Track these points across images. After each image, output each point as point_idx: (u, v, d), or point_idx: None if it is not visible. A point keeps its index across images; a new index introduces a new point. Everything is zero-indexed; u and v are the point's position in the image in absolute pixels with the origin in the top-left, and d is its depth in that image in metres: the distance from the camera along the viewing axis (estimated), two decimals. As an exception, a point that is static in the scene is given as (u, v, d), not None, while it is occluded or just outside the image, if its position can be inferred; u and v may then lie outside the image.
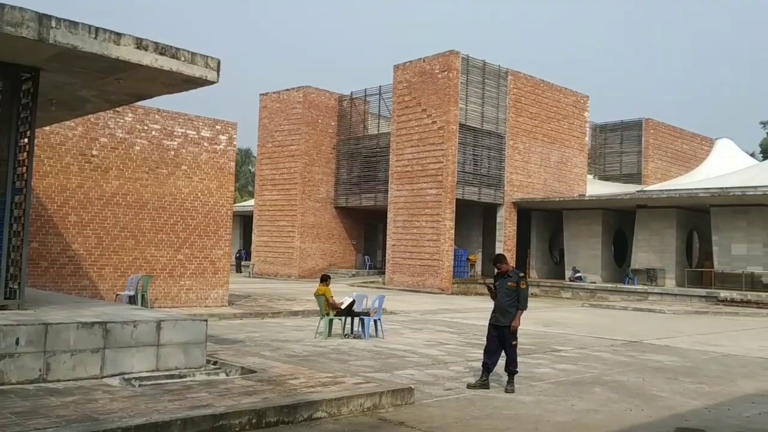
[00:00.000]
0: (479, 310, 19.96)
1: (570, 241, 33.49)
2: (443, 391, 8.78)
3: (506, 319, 8.94)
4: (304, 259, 37.06)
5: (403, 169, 32.24)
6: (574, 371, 10.65)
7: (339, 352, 11.75)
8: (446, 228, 30.20)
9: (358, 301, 14.26)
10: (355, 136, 38.23)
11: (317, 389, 7.65)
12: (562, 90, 35.84)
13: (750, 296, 25.30)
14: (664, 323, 19.52)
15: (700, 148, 45.69)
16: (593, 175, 42.02)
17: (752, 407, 8.46)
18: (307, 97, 37.56)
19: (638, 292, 28.36)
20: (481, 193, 31.86)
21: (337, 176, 38.54)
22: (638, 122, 42.88)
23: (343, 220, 38.83)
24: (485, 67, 31.86)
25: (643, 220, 31.03)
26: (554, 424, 7.25)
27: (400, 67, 32.79)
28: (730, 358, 12.72)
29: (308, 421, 6.89)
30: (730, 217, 28.30)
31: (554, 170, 35.23)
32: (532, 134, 33.90)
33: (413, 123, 31.81)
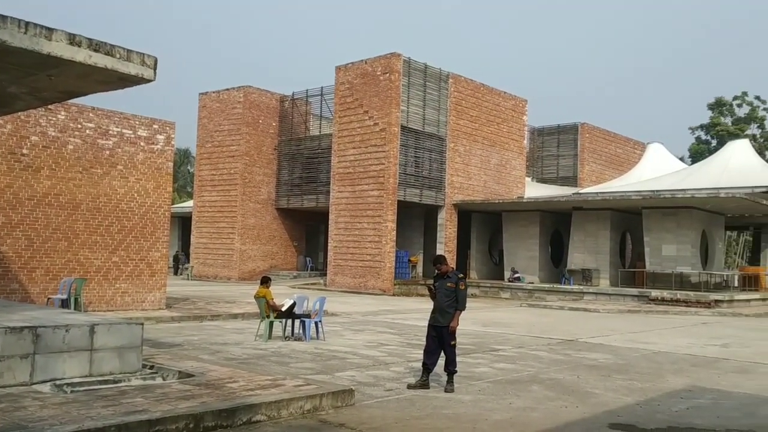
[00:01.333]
0: (420, 311, 20.11)
1: (509, 243, 34.08)
2: (384, 391, 8.81)
3: (445, 319, 9.04)
4: (244, 261, 36.62)
5: (344, 170, 32.22)
6: (512, 370, 10.84)
7: (279, 355, 11.66)
8: (388, 229, 30.32)
9: (299, 303, 14.18)
10: (296, 137, 38.01)
11: (257, 392, 7.58)
12: (502, 94, 36.46)
13: (679, 295, 26.23)
14: (598, 322, 20.05)
15: (633, 152, 47.16)
16: (531, 178, 42.87)
17: (681, 402, 8.77)
18: (247, 97, 37.14)
19: (574, 292, 29.07)
20: (423, 194, 32.11)
21: (279, 177, 38.23)
22: (574, 126, 43.96)
23: (285, 221, 38.55)
24: (426, 69, 32.14)
25: (579, 222, 31.83)
26: (492, 422, 7.37)
27: (341, 68, 32.76)
28: (661, 355, 13.17)
29: (247, 424, 6.82)
30: (661, 219, 29.30)
31: (494, 172, 35.79)
32: (472, 137, 34.36)
33: (355, 124, 31.83)
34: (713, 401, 8.91)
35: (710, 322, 21.22)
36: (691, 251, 28.84)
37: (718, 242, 32.57)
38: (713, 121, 56.93)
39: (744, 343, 15.73)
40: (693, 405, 8.62)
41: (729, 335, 17.27)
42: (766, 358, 13.16)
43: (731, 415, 8.09)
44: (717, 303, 25.29)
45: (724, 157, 34.47)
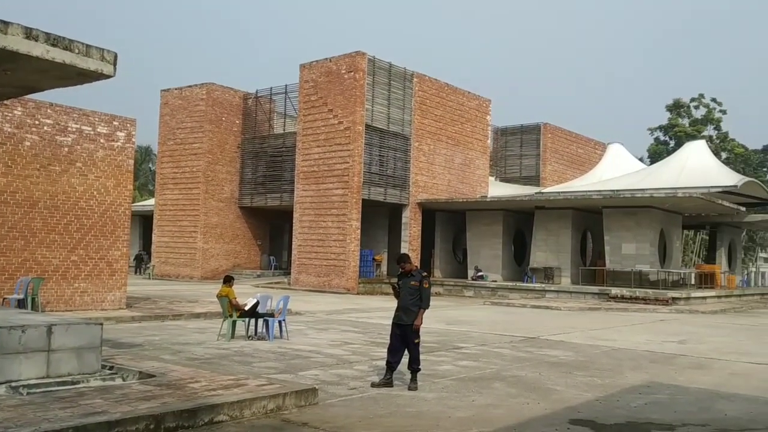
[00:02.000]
0: (384, 309, 20.13)
1: (472, 241, 34.33)
2: (347, 390, 8.80)
3: (409, 317, 9.07)
4: (207, 260, 36.24)
5: (309, 169, 32.10)
6: (475, 368, 10.92)
7: (242, 354, 11.57)
8: (352, 228, 30.30)
9: (263, 302, 14.08)
10: (260, 135, 37.74)
11: (219, 392, 7.50)
12: (466, 93, 36.70)
13: (638, 293, 26.75)
14: (559, 320, 20.32)
15: (594, 152, 47.90)
16: (495, 177, 43.26)
17: (639, 398, 8.94)
18: (210, 94, 36.75)
19: (536, 290, 29.42)
20: (387, 193, 32.16)
21: (242, 175, 37.91)
22: (537, 126, 44.47)
23: (248, 220, 38.25)
24: (391, 68, 32.19)
25: (541, 221, 32.22)
26: (455, 419, 7.42)
27: (306, 66, 32.62)
28: (620, 352, 13.40)
29: (209, 425, 6.75)
30: (621, 218, 29.82)
31: (458, 172, 36.01)
32: (436, 136, 34.52)
33: (319, 123, 31.73)
34: (670, 397, 9.10)
35: (668, 319, 21.67)
36: (650, 250, 29.41)
37: (676, 241, 33.28)
38: (671, 122, 58.09)
39: (700, 339, 16.10)
40: (651, 400, 8.79)
41: (686, 332, 17.66)
42: (721, 354, 13.50)
43: (688, 410, 8.27)
44: (674, 300, 25.85)
45: (682, 157, 35.24)
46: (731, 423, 7.67)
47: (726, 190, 29.96)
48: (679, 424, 7.53)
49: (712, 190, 29.20)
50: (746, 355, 13.47)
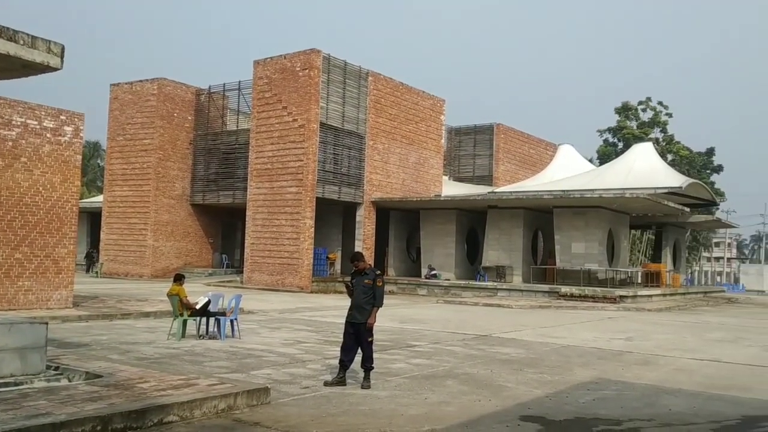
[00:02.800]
0: (338, 308, 20.10)
1: (426, 240, 34.53)
2: (300, 389, 8.76)
3: (362, 316, 9.07)
4: (157, 258, 35.61)
5: (262, 166, 31.81)
6: (428, 365, 10.99)
7: (193, 354, 11.41)
8: (306, 226, 30.15)
9: (214, 300, 13.91)
10: (213, 132, 37.23)
11: (168, 392, 7.38)
12: (420, 93, 36.88)
13: (587, 291, 27.29)
14: (511, 317, 20.60)
15: (545, 152, 48.68)
16: (448, 177, 43.58)
17: (587, 394, 9.13)
18: (162, 89, 36.10)
19: (488, 289, 29.75)
20: (342, 192, 32.11)
21: (194, 172, 37.35)
22: (490, 127, 44.96)
23: (200, 217, 37.71)
24: (346, 67, 32.13)
25: (494, 220, 32.60)
26: (408, 417, 7.45)
27: (260, 62, 32.33)
28: (569, 349, 13.65)
29: (159, 425, 6.64)
30: (571, 217, 30.38)
31: (412, 171, 36.17)
32: (391, 135, 34.61)
33: (273, 120, 31.47)
34: (617, 392, 9.31)
35: (615, 316, 22.17)
36: (599, 249, 30.03)
37: (624, 240, 34.06)
38: (620, 124, 59.41)
39: (646, 336, 16.52)
40: (599, 396, 8.98)
41: (633, 329, 18.09)
42: (666, 351, 13.87)
43: (633, 405, 8.48)
44: (622, 299, 26.45)
45: (630, 159, 36.06)
46: (675, 417, 7.89)
47: (671, 191, 30.76)
48: (625, 419, 7.71)
49: (658, 191, 29.94)
50: (690, 352, 13.87)
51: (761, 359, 13.16)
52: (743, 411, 8.36)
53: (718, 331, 18.66)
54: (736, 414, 8.18)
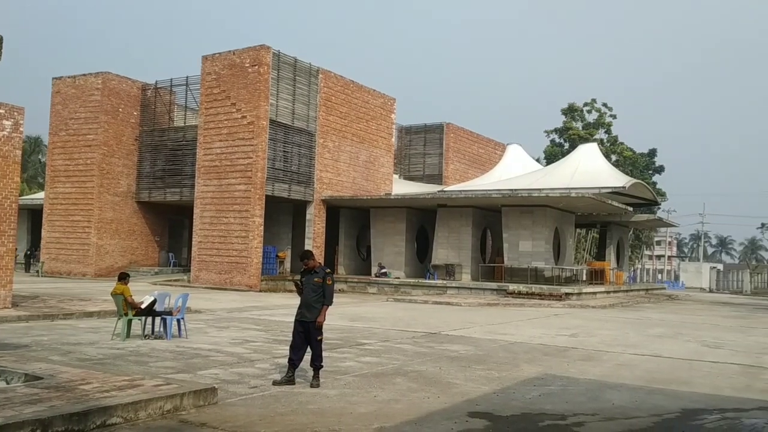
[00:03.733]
0: (287, 306, 19.97)
1: (376, 239, 34.59)
2: (248, 389, 8.67)
3: (312, 314, 9.03)
4: (101, 256, 34.76)
5: (210, 163, 31.36)
6: (377, 363, 11.01)
7: (138, 354, 11.17)
8: (255, 224, 29.86)
9: (160, 299, 13.64)
10: (159, 128, 36.52)
11: (112, 394, 7.21)
12: (371, 91, 36.90)
13: (534, 289, 27.75)
14: (460, 315, 20.79)
15: (494, 152, 49.30)
16: (399, 175, 43.74)
17: (534, 389, 9.28)
18: (106, 83, 35.23)
19: (438, 287, 29.97)
20: (291, 189, 31.90)
21: (140, 169, 36.57)
22: (440, 126, 45.30)
23: (146, 215, 36.95)
24: (296, 64, 31.92)
25: (443, 219, 32.86)
26: (357, 415, 7.45)
27: (209, 58, 31.85)
28: (517, 346, 13.86)
29: (101, 428, 6.48)
30: (518, 216, 30.85)
31: (362, 169, 36.18)
32: (341, 133, 34.54)
33: (222, 116, 31.05)
34: (562, 388, 9.50)
35: (561, 313, 22.61)
36: (545, 247, 30.58)
37: (569, 239, 34.76)
38: (566, 125, 60.56)
39: (590, 332, 16.89)
40: (544, 392, 9.15)
41: (577, 326, 18.48)
42: (609, 347, 14.21)
43: (578, 400, 8.66)
44: (567, 296, 26.99)
45: (575, 159, 36.80)
46: (618, 411, 8.09)
47: (615, 191, 31.52)
48: (570, 414, 7.87)
49: (603, 191, 30.65)
50: (632, 347, 14.24)
51: (699, 354, 13.60)
52: (683, 404, 8.62)
53: (659, 327, 19.21)
54: (676, 407, 8.43)
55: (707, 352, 13.88)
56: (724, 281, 60.91)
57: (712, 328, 19.76)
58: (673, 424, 7.64)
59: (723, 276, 63.04)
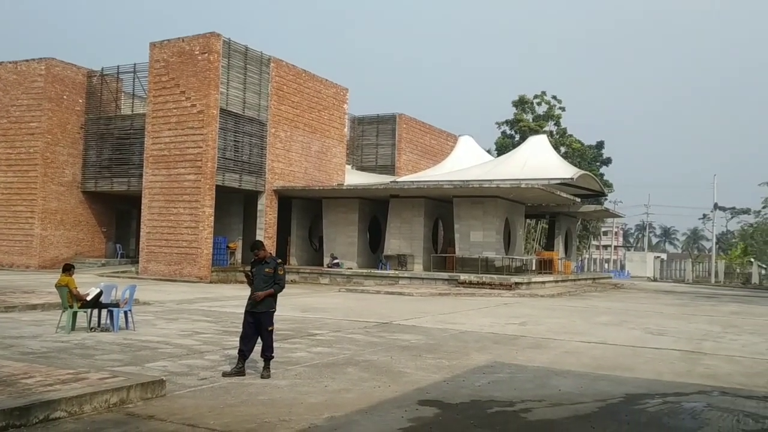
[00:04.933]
0: (238, 298, 19.77)
1: (329, 229, 34.50)
2: (197, 381, 8.57)
3: (262, 305, 8.98)
4: (45, 248, 33.82)
5: (159, 152, 30.78)
6: (328, 353, 11.01)
7: (84, 347, 10.93)
8: (205, 215, 29.45)
9: (107, 291, 13.36)
10: (106, 116, 35.63)
11: (56, 387, 7.04)
12: (323, 81, 36.69)
13: (485, 278, 28.09)
14: (412, 305, 20.93)
15: (446, 143, 49.63)
16: (351, 166, 43.67)
17: (483, 377, 9.42)
18: (50, 70, 34.18)
19: (390, 277, 30.08)
20: (242, 180, 31.55)
21: (85, 158, 35.64)
22: (392, 117, 45.38)
23: (92, 205, 36.07)
24: (247, 52, 31.52)
25: (396, 209, 32.97)
26: (307, 405, 7.45)
27: (157, 45, 31.19)
28: (467, 335, 14.03)
29: (45, 422, 6.33)
30: (470, 207, 31.16)
31: (315, 159, 36.00)
32: (293, 123, 34.28)
33: (171, 105, 30.48)
34: (511, 375, 9.66)
35: (511, 303, 22.96)
36: (496, 237, 30.98)
37: (519, 229, 35.28)
38: (516, 117, 61.29)
39: (539, 321, 17.20)
40: (493, 379, 9.29)
41: (526, 314, 18.80)
42: (556, 335, 14.51)
43: (526, 387, 8.83)
44: (517, 285, 27.41)
45: (525, 151, 37.31)
46: (564, 397, 8.27)
47: (564, 182, 32.08)
48: (518, 401, 8.01)
49: (552, 182, 31.14)
50: (578, 335, 14.57)
51: (643, 341, 14.00)
52: (626, 390, 8.86)
53: (605, 315, 19.68)
54: (620, 393, 8.66)
55: (650, 339, 14.29)
56: (668, 270, 62.68)
57: (655, 315, 20.34)
58: (617, 408, 7.85)
59: (666, 265, 64.90)
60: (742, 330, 16.95)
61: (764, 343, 14.31)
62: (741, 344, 14.01)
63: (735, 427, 7.17)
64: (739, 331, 16.72)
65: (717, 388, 9.22)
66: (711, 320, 19.47)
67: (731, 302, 28.60)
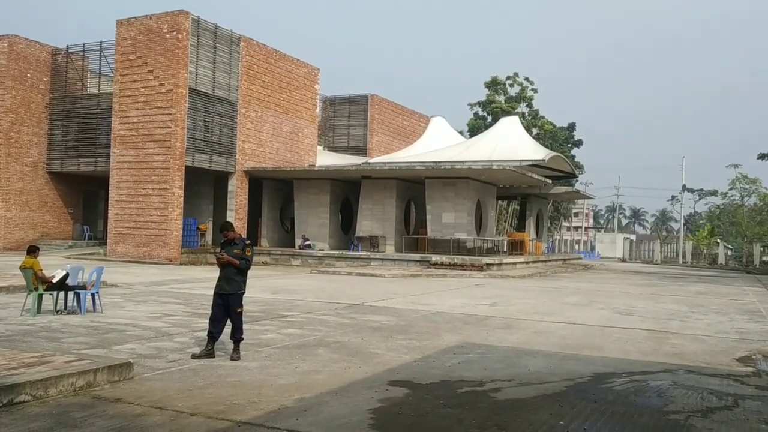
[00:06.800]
0: (208, 279, 19.57)
1: (300, 210, 34.34)
2: (166, 363, 8.48)
3: (231, 286, 8.89)
4: (10, 229, 33.17)
5: (127, 132, 30.26)
6: (299, 335, 10.97)
7: (49, 330, 10.74)
8: (175, 196, 29.09)
9: (73, 273, 13.14)
10: (71, 95, 34.87)
11: (20, 371, 6.91)
12: (295, 61, 36.31)
13: (456, 260, 28.23)
14: (383, 286, 20.95)
15: (418, 124, 49.56)
16: (323, 147, 43.43)
17: (453, 357, 9.46)
18: (13, 47, 33.30)
19: (362, 258, 30.09)
20: (213, 160, 31.19)
21: (51, 138, 34.91)
22: (364, 97, 45.14)
23: (58, 186, 35.40)
24: (217, 31, 31.03)
25: (368, 191, 32.90)
26: (277, 387, 7.41)
27: (123, 22, 30.55)
28: (438, 316, 14.09)
29: (8, 406, 6.21)
30: (441, 188, 31.21)
31: (286, 140, 35.71)
32: (264, 103, 33.92)
33: (139, 84, 29.94)
34: (481, 355, 9.72)
35: (482, 283, 23.12)
36: (468, 219, 31.10)
37: (491, 210, 35.46)
38: (489, 98, 61.39)
39: (509, 301, 17.34)
40: (464, 360, 9.34)
41: (497, 295, 18.94)
42: (527, 315, 14.64)
43: (495, 367, 8.89)
44: (488, 266, 27.59)
45: (497, 132, 37.40)
46: (533, 377, 8.35)
47: (535, 164, 32.27)
48: (488, 381, 8.06)
49: (523, 164, 31.30)
50: (548, 315, 14.72)
51: (611, 321, 14.19)
52: (594, 369, 8.97)
53: (575, 296, 19.91)
54: (588, 372, 8.77)
55: (619, 319, 14.49)
56: (637, 251, 63.64)
57: (624, 296, 20.63)
58: (585, 387, 7.94)
59: (636, 246, 65.87)
60: (708, 309, 17.27)
61: (729, 323, 14.60)
62: (706, 323, 14.28)
63: (699, 404, 7.30)
64: (705, 310, 17.03)
65: (683, 366, 9.38)
66: (678, 300, 19.81)
67: (698, 282, 29.14)
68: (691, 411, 6.99)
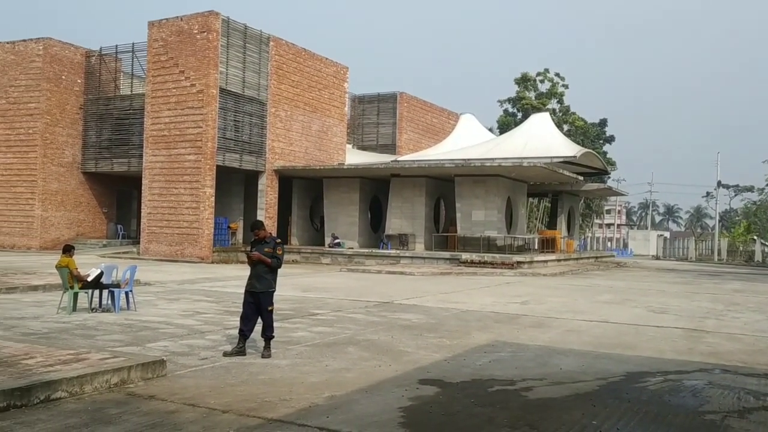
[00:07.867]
0: (240, 278, 19.73)
1: (330, 209, 34.44)
2: (198, 361, 8.57)
3: (262, 285, 8.95)
4: (46, 229, 33.84)
5: (159, 133, 30.66)
6: (329, 333, 11.00)
7: (85, 328, 10.93)
8: (206, 195, 29.40)
9: (107, 272, 13.34)
10: (105, 96, 35.46)
11: (56, 368, 7.04)
12: (323, 60, 36.43)
13: (487, 257, 28.07)
14: (413, 284, 20.92)
15: (447, 122, 49.39)
16: (352, 145, 43.51)
17: (484, 356, 9.40)
18: (48, 50, 33.96)
19: (391, 256, 30.08)
20: (243, 160, 31.45)
21: (85, 139, 35.53)
22: (393, 95, 45.11)
23: (93, 186, 36.02)
24: (246, 31, 31.26)
25: (397, 189, 32.87)
26: (308, 384, 7.44)
27: (155, 24, 30.94)
28: (468, 314, 14.02)
29: (45, 402, 6.32)
30: (471, 186, 31.05)
31: (315, 139, 35.85)
32: (293, 102, 34.09)
33: (170, 85, 30.30)
34: (512, 354, 9.65)
35: (513, 281, 22.95)
36: (498, 216, 30.90)
37: (521, 208, 35.19)
38: (519, 95, 60.96)
39: (540, 300, 17.19)
40: (495, 358, 9.28)
41: (528, 293, 18.79)
42: (558, 314, 14.49)
43: (527, 366, 8.81)
44: (519, 264, 27.39)
45: (528, 129, 37.11)
46: (565, 376, 8.25)
47: (566, 161, 31.94)
48: (519, 379, 8.00)
49: (554, 160, 31.01)
50: (580, 314, 14.55)
51: (645, 319, 13.98)
52: (627, 368, 8.84)
53: (607, 294, 19.67)
54: (621, 371, 8.65)
55: (653, 318, 14.28)
56: (671, 249, 62.64)
57: (658, 294, 20.33)
58: (618, 386, 7.83)
59: (669, 243, 64.84)
60: (745, 308, 16.93)
61: (766, 321, 14.30)
62: (743, 322, 14.00)
63: (736, 404, 7.15)
64: (741, 308, 16.70)
65: (718, 365, 9.20)
66: (713, 298, 19.45)
67: (734, 280, 28.59)
68: (727, 411, 6.85)
